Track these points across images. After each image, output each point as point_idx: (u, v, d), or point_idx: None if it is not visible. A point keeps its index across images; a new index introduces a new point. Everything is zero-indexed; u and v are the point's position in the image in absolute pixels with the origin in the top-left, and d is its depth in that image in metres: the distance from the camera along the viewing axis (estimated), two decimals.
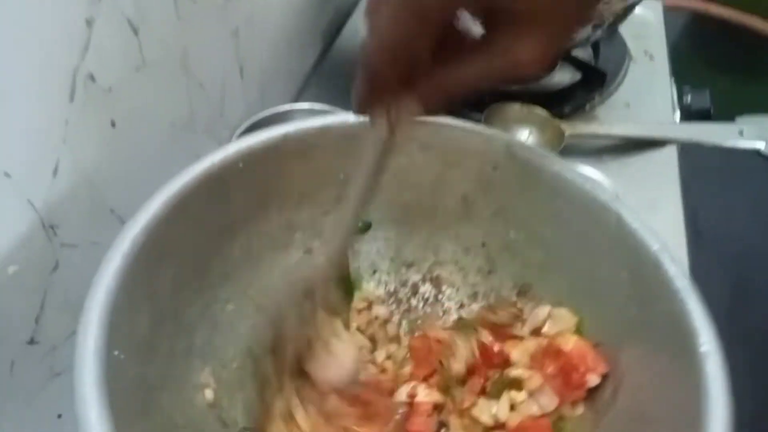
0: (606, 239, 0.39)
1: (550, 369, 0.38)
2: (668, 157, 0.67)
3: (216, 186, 0.39)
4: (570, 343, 0.38)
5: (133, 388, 0.32)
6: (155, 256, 0.35)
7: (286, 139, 0.41)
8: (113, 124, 0.41)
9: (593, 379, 0.38)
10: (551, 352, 0.39)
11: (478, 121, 0.44)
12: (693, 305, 0.33)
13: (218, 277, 0.41)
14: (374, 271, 0.49)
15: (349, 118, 0.42)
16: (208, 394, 0.39)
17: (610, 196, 0.39)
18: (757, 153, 0.67)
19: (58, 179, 0.37)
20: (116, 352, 0.30)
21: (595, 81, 0.73)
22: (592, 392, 0.38)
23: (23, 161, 0.34)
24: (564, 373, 0.38)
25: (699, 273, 0.41)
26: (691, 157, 0.69)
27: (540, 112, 0.65)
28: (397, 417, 0.39)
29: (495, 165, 0.43)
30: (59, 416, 0.40)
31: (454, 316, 0.47)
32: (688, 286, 0.34)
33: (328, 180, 0.45)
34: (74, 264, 0.39)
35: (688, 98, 0.80)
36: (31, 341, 0.37)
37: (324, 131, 0.42)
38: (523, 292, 0.45)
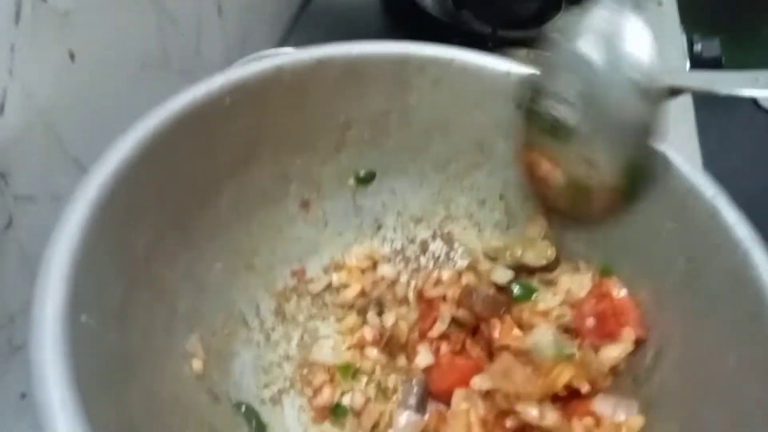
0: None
1: (588, 307, 0.34)
2: (683, 106, 0.62)
3: (199, 127, 0.33)
4: (621, 293, 0.34)
5: (106, 360, 0.27)
6: (127, 208, 0.29)
7: (280, 72, 0.35)
8: (72, 57, 0.35)
9: (627, 335, 0.34)
10: (598, 293, 0.35)
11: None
12: (758, 257, 0.28)
13: (203, 235, 0.36)
14: (379, 227, 0.44)
15: (352, 49, 0.37)
16: (196, 364, 0.34)
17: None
18: None
19: (5, 117, 0.31)
20: (84, 318, 0.25)
21: None
22: (630, 358, 0.34)
23: None
24: (601, 318, 0.34)
25: None
26: (706, 107, 0.64)
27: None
28: None
29: (519, 102, 0.38)
30: (23, 396, 0.35)
31: None
32: (750, 235, 0.29)
33: (327, 123, 0.39)
34: (31, 220, 0.34)
35: (699, 47, 0.75)
36: None
37: (323, 64, 0.36)
38: None
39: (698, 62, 0.69)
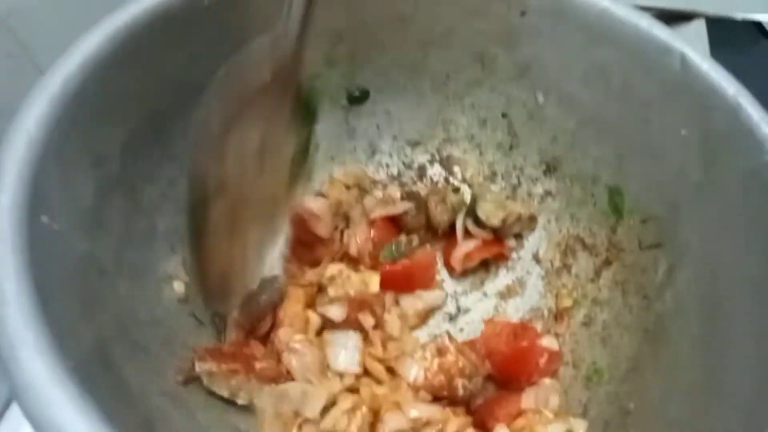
0: (662, 90, 0.31)
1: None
2: (696, 32, 0.59)
3: (175, 26, 0.30)
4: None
5: (75, 268, 0.24)
6: (97, 108, 0.27)
7: None
8: None
9: None
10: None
11: None
12: None
13: (184, 147, 0.33)
14: (373, 152, 0.41)
15: None
16: (177, 286, 0.32)
17: (670, 34, 0.31)
18: None
19: None
20: (45, 218, 0.23)
21: None
22: (635, 273, 0.32)
23: None
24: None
25: None
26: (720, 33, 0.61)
27: None
28: None
29: (523, 9, 0.35)
30: None
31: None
32: None
33: (316, 34, 0.36)
34: None
35: None
36: None
37: None
38: (551, 169, 0.39)
39: None
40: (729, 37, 0.59)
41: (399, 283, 0.37)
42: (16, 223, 0.21)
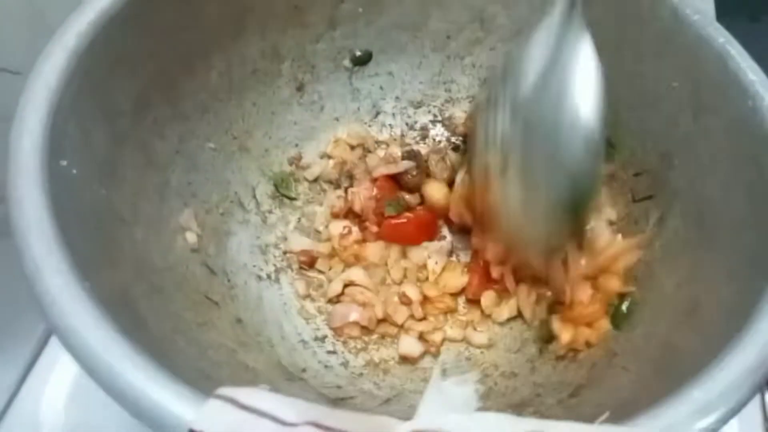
0: (655, 42, 0.32)
1: None
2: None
3: None
4: None
5: (93, 212, 0.26)
6: (109, 63, 0.28)
7: None
8: None
9: None
10: None
11: None
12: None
13: (194, 108, 0.35)
14: (377, 113, 0.43)
15: None
16: (190, 237, 0.34)
17: None
18: None
19: None
20: (63, 162, 0.25)
21: None
22: (626, 225, 0.34)
23: None
24: None
25: None
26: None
27: None
28: None
29: None
30: None
31: None
32: (762, 80, 0.28)
33: None
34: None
35: None
36: None
37: None
38: None
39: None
40: (738, 4, 0.59)
41: (405, 235, 0.38)
42: (38, 164, 0.23)
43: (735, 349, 0.20)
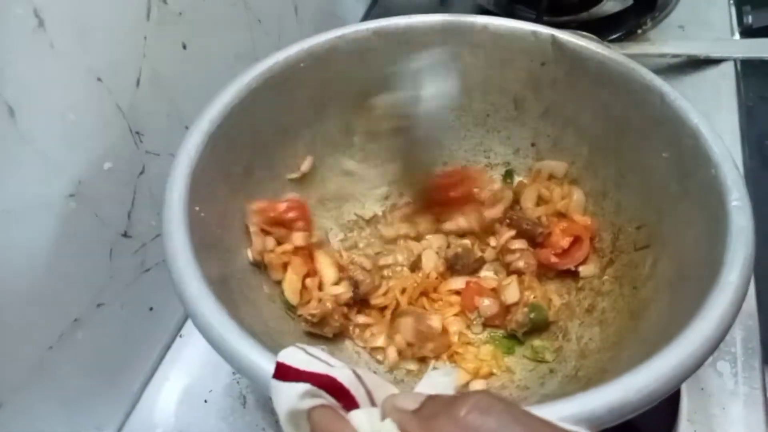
0: (649, 120, 0.40)
1: None
2: (725, 74, 0.64)
3: (280, 83, 0.43)
4: None
5: (213, 242, 0.37)
6: (228, 139, 0.40)
7: (341, 40, 0.45)
8: (184, 47, 0.45)
9: None
10: None
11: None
12: (728, 168, 0.34)
13: (285, 169, 0.46)
14: None
15: (401, 21, 0.46)
16: (248, 255, 0.42)
17: (653, 77, 0.39)
18: None
19: (141, 89, 0.41)
20: (197, 208, 0.36)
21: (647, 4, 0.69)
22: (629, 269, 0.40)
23: (111, 67, 0.38)
24: None
25: (757, 189, 0.40)
26: (752, 76, 0.65)
27: (590, 38, 0.65)
28: None
29: (543, 60, 0.45)
30: (151, 309, 0.46)
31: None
32: (724, 151, 0.35)
33: (383, 85, 0.48)
34: (157, 171, 0.43)
35: (749, 18, 0.75)
36: (125, 234, 0.42)
37: (378, 34, 0.46)
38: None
39: (748, 32, 0.71)
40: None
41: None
42: (182, 208, 0.34)
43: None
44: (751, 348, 0.43)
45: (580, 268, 0.44)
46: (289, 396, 0.24)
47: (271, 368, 0.25)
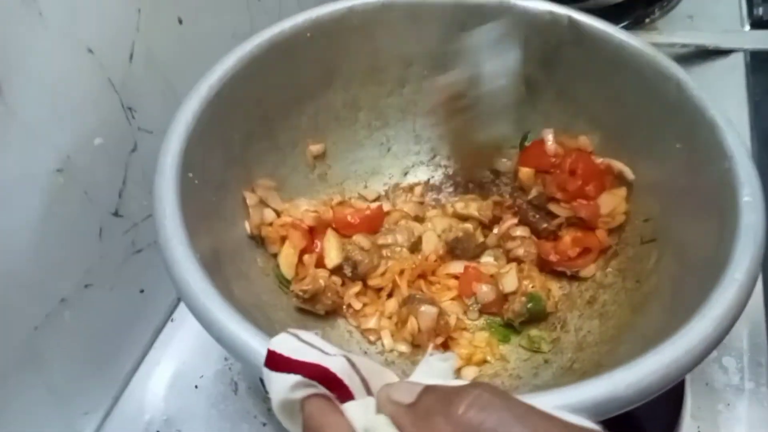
0: (664, 109, 0.38)
1: None
2: (734, 66, 0.62)
3: (285, 52, 0.42)
4: None
5: (205, 209, 0.36)
6: (228, 106, 0.39)
7: (351, 12, 0.43)
8: (180, 21, 0.43)
9: None
10: None
11: None
12: (743, 162, 0.32)
13: (287, 142, 0.45)
14: (434, 155, 0.51)
15: None
16: (247, 227, 0.41)
17: (672, 64, 0.38)
18: None
19: (134, 64, 0.39)
20: (190, 175, 0.35)
21: None
22: (634, 262, 0.39)
23: (103, 40, 0.36)
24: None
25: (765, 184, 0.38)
26: (761, 70, 0.63)
27: None
28: None
29: (558, 41, 0.43)
30: (141, 291, 0.44)
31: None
32: (739, 145, 0.33)
33: (391, 60, 0.47)
34: (150, 149, 0.39)
35: (760, 10, 0.72)
36: (116, 213, 0.40)
37: (387, 7, 0.44)
38: None
39: (759, 23, 0.68)
40: None
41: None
42: (174, 174, 0.33)
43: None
44: (758, 343, 0.41)
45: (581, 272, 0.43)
46: (281, 387, 0.23)
47: (263, 351, 0.24)
